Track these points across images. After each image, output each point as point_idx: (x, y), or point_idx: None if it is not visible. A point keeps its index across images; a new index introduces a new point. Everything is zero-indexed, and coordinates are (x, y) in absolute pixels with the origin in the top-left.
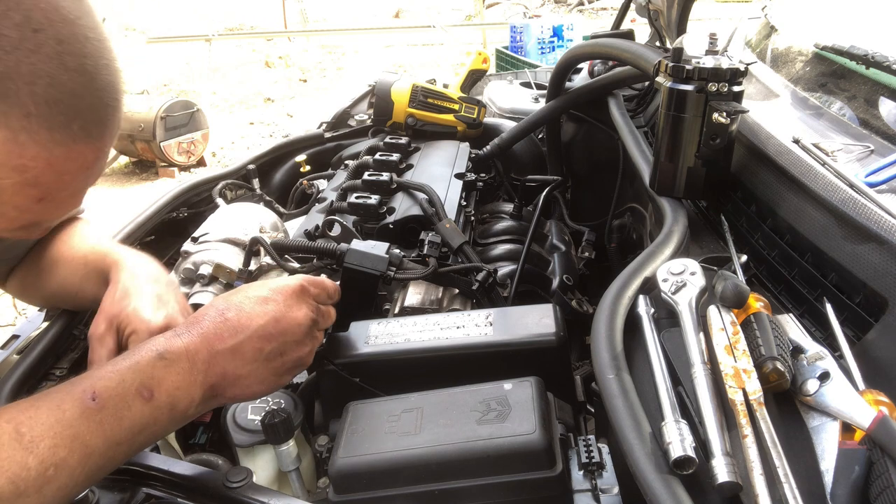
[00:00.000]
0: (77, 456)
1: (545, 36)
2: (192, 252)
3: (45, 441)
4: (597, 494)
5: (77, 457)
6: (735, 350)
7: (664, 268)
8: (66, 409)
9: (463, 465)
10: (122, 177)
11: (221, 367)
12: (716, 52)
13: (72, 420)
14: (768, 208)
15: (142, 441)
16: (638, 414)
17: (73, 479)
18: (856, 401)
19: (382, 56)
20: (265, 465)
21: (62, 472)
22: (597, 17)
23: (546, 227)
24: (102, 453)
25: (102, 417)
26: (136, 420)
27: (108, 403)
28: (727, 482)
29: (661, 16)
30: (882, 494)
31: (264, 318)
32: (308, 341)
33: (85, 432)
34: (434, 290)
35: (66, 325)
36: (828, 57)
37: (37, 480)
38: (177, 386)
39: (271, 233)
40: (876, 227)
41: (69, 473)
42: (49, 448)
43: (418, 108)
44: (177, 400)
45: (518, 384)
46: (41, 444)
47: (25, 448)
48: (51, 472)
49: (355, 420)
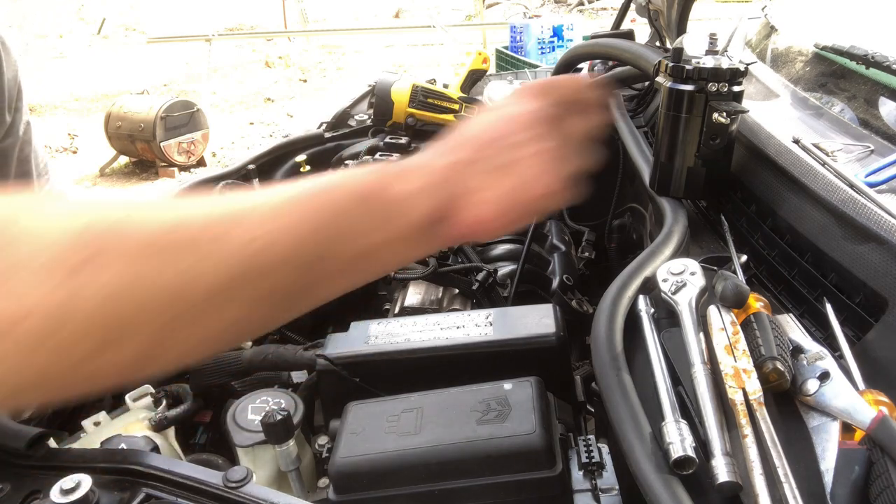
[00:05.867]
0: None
1: (545, 36)
2: None
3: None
4: (597, 494)
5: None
6: (735, 350)
7: (664, 268)
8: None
9: (463, 465)
10: (122, 177)
11: (454, 177)
12: (716, 52)
13: (283, 202)
14: (768, 208)
15: (354, 249)
16: (638, 414)
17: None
18: (856, 401)
19: (382, 56)
20: (265, 465)
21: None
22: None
23: (546, 227)
24: (316, 243)
25: (320, 203)
26: (356, 219)
27: (331, 195)
28: (727, 482)
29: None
30: (882, 494)
31: (496, 121)
32: (548, 143)
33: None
34: (434, 290)
35: None
36: (828, 57)
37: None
38: (407, 191)
39: None
40: (876, 227)
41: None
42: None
43: (418, 108)
44: (403, 206)
45: (518, 384)
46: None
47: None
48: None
49: (355, 420)
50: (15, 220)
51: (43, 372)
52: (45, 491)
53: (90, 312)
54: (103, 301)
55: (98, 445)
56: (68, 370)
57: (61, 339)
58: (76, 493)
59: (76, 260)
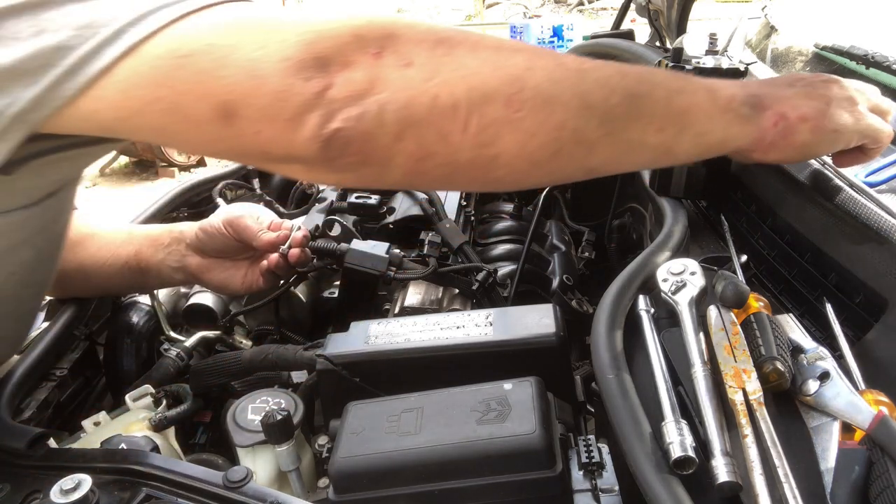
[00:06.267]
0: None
1: (545, 36)
2: None
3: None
4: (597, 494)
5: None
6: (735, 350)
7: (664, 268)
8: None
9: (463, 465)
10: (122, 177)
11: (768, 85)
12: (716, 52)
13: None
14: (768, 208)
15: (684, 122)
16: (638, 414)
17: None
18: (856, 401)
19: None
20: (265, 465)
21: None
22: (597, 17)
23: (546, 227)
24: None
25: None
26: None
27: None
28: (727, 482)
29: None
30: (882, 494)
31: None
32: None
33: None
34: (434, 290)
35: (66, 324)
36: (828, 57)
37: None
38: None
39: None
40: (876, 227)
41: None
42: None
43: None
44: (720, 84)
45: (518, 384)
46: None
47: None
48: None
49: (355, 420)
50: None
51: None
52: (45, 491)
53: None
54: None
55: (98, 445)
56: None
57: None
58: (76, 493)
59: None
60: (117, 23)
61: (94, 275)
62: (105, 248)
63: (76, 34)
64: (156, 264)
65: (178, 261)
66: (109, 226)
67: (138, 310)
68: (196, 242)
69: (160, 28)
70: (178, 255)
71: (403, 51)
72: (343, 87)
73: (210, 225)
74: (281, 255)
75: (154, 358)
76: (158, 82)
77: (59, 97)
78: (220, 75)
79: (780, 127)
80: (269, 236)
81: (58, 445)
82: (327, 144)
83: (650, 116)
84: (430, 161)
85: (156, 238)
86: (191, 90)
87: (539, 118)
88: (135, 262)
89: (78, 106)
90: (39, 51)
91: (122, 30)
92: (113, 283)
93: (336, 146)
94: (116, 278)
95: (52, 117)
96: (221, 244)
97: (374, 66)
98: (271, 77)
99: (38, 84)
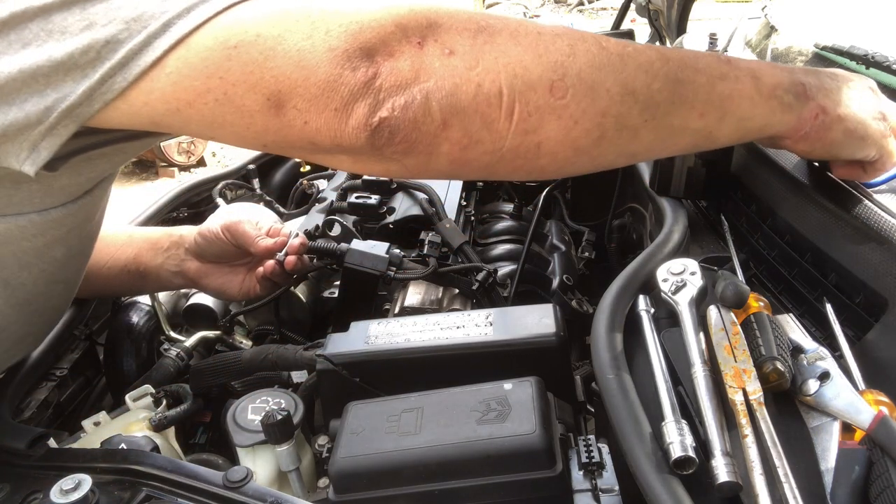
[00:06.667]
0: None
1: None
2: None
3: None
4: (597, 494)
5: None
6: (735, 350)
7: (664, 268)
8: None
9: (463, 465)
10: (122, 177)
11: (812, 75)
12: (716, 51)
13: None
14: (768, 208)
15: (716, 102)
16: (638, 414)
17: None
18: (856, 401)
19: None
20: (265, 465)
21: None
22: (597, 17)
23: (546, 227)
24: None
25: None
26: (717, 61)
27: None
28: (727, 482)
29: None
30: (882, 494)
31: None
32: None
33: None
34: (434, 290)
35: (66, 325)
36: (828, 57)
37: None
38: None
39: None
40: (876, 227)
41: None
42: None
43: None
44: (764, 68)
45: (518, 384)
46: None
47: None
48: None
49: (355, 420)
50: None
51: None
52: (45, 491)
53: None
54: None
55: (98, 445)
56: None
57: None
58: (76, 493)
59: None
60: (166, 15)
61: (93, 276)
62: (105, 249)
63: (126, 27)
64: (155, 268)
65: (176, 265)
66: (109, 227)
67: (138, 310)
68: (195, 247)
69: (208, 19)
70: (176, 260)
71: (445, 39)
72: (389, 77)
73: (208, 230)
74: (277, 262)
75: (154, 358)
76: (209, 73)
77: (111, 90)
78: (269, 66)
79: (818, 121)
80: (266, 242)
81: (58, 445)
82: (375, 133)
83: (692, 102)
84: (474, 149)
85: (155, 242)
86: (242, 80)
87: (582, 105)
88: (134, 266)
89: (129, 99)
90: (90, 44)
91: (171, 22)
92: (112, 285)
93: (383, 135)
94: (115, 281)
95: (103, 111)
96: (220, 249)
97: (418, 56)
98: (319, 67)
99: (89, 78)
